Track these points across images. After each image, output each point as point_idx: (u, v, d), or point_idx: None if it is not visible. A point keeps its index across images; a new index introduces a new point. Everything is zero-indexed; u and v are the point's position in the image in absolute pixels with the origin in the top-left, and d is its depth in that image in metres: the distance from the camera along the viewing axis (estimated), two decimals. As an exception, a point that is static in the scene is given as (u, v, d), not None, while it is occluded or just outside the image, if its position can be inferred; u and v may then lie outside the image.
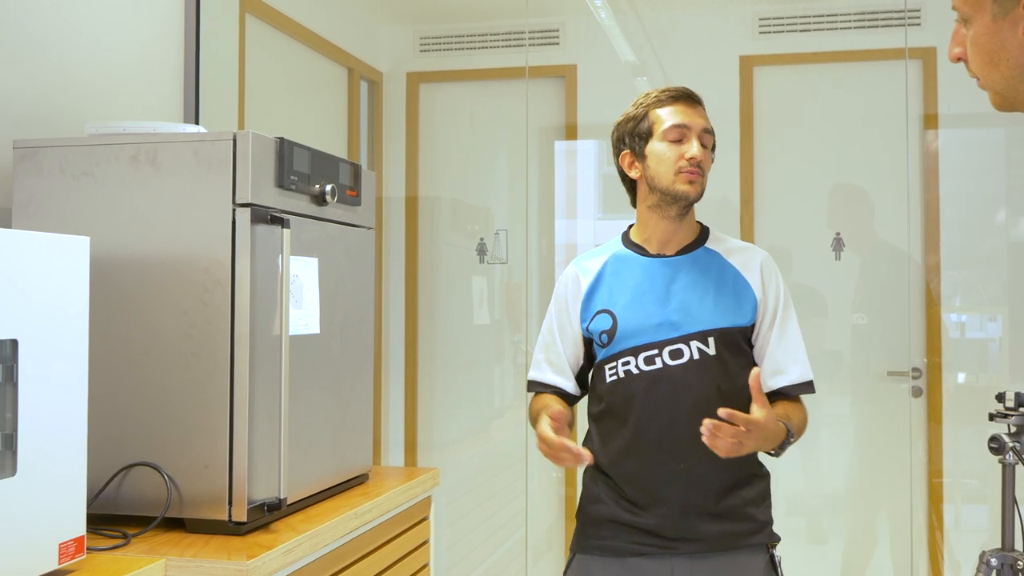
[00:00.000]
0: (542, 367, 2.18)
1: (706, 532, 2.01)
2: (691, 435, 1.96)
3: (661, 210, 2.09)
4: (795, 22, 4.00)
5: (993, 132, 3.92)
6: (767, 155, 4.00)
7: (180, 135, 1.98)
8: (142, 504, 1.91)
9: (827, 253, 3.88)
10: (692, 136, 2.05)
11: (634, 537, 2.04)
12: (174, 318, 1.92)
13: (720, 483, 2.02)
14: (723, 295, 2.07)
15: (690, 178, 2.04)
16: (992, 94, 1.29)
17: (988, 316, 3.86)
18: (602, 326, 2.07)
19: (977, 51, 1.27)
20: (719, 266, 2.10)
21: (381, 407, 4.27)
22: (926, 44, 3.83)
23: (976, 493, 3.83)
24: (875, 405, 3.89)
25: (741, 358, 2.06)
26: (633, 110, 2.12)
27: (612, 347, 2.06)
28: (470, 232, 4.30)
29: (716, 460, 1.96)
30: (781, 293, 2.10)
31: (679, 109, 2.07)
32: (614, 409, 2.07)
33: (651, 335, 2.03)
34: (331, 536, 2.01)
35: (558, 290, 2.19)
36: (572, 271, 2.18)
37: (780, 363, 2.07)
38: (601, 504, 2.08)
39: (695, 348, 2.02)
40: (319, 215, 2.19)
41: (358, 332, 2.37)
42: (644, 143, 2.09)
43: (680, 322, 2.03)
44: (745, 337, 2.07)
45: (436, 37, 4.36)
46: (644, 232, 2.14)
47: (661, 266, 2.10)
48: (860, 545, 3.94)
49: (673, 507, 2.00)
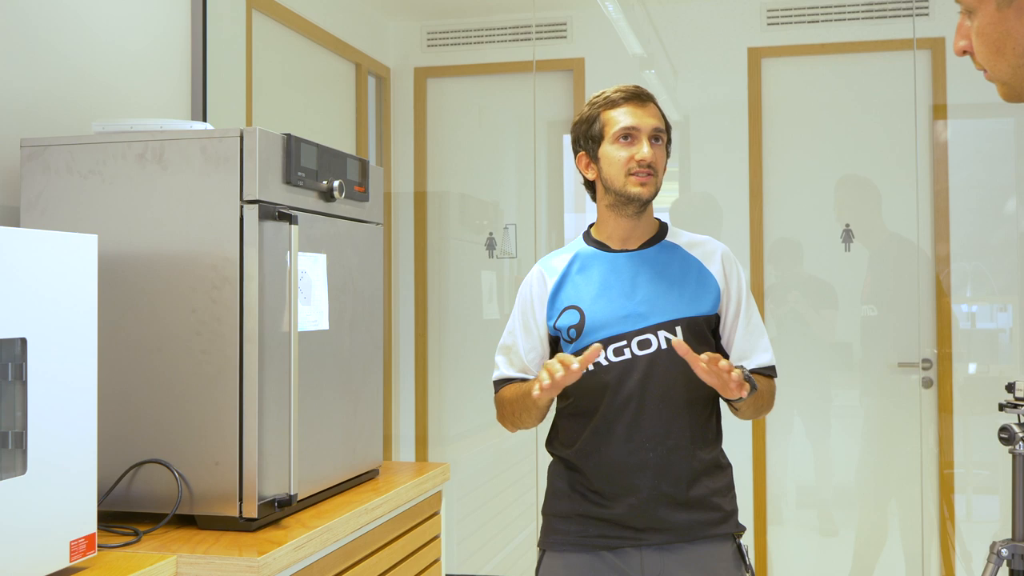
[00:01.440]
0: (503, 367, 2.19)
1: (675, 522, 2.04)
2: (660, 424, 2.03)
3: (618, 209, 2.13)
4: (803, 13, 3.98)
5: (1003, 122, 3.90)
6: (776, 147, 3.99)
7: (187, 132, 1.98)
8: (153, 501, 1.92)
9: (836, 245, 3.87)
10: (642, 137, 2.09)
11: (603, 530, 2.06)
12: (183, 315, 1.93)
13: (689, 472, 2.05)
14: (687, 286, 2.11)
15: (641, 180, 2.08)
16: (1000, 85, 1.29)
17: (998, 306, 3.84)
18: (569, 321, 2.10)
19: (983, 41, 1.27)
20: (681, 258, 2.14)
21: (392, 402, 4.27)
22: (935, 34, 3.81)
23: (987, 483, 3.81)
24: (886, 396, 3.88)
25: (707, 347, 2.09)
26: (587, 111, 2.16)
27: (580, 341, 2.08)
28: (479, 227, 4.30)
29: (684, 448, 2.03)
30: (742, 282, 2.16)
31: (629, 110, 2.10)
32: (583, 401, 2.09)
33: (619, 327, 2.06)
34: (342, 532, 2.02)
35: (523, 291, 2.20)
36: (537, 271, 2.21)
37: (745, 350, 2.13)
38: (568, 499, 2.10)
39: (663, 338, 2.05)
40: (327, 211, 2.19)
41: (367, 328, 2.38)
42: (597, 145, 2.13)
43: (647, 313, 2.07)
44: (710, 326, 2.12)
45: (443, 32, 4.36)
46: (605, 230, 2.17)
47: (625, 260, 2.13)
48: (871, 536, 3.93)
49: (642, 496, 2.03)
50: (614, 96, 2.12)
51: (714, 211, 4.06)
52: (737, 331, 2.12)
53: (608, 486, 2.05)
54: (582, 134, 2.16)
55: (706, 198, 4.11)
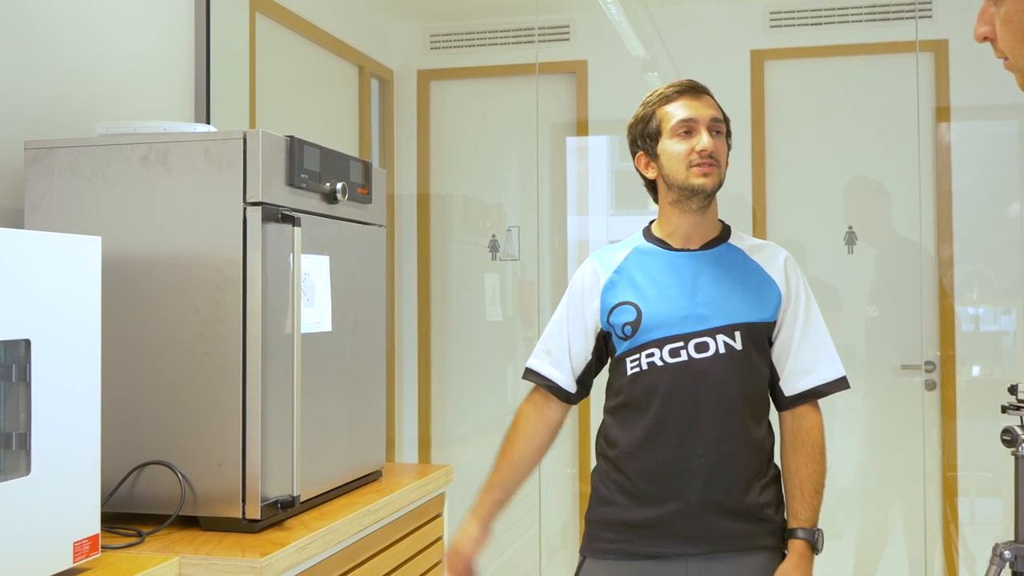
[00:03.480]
0: (540, 356, 2.16)
1: (723, 530, 1.98)
2: (713, 429, 1.97)
3: (681, 205, 2.07)
4: (806, 16, 3.98)
5: (1006, 124, 3.90)
6: (779, 149, 3.99)
7: (190, 135, 1.99)
8: (156, 502, 1.92)
9: (840, 247, 3.86)
10: (700, 128, 2.04)
11: (648, 540, 2.00)
12: (186, 317, 1.93)
13: (740, 480, 1.99)
14: (749, 290, 2.05)
15: (703, 171, 2.02)
16: (1020, 74, 1.27)
17: (1002, 309, 3.84)
18: (625, 318, 2.04)
19: (1010, 29, 1.24)
20: (743, 262, 2.09)
21: (395, 404, 4.28)
22: (938, 36, 3.81)
23: (991, 486, 3.81)
24: (889, 399, 3.88)
25: (764, 355, 2.05)
26: (641, 110, 2.11)
27: (636, 339, 2.03)
28: (482, 229, 4.30)
29: (737, 456, 1.98)
30: (803, 290, 2.09)
31: (684, 103, 2.06)
32: (635, 401, 2.03)
33: (677, 327, 2.01)
34: (344, 533, 2.02)
35: (574, 283, 2.15)
36: (591, 264, 2.16)
37: (808, 362, 2.05)
38: (613, 506, 2.05)
39: (721, 342, 2.00)
40: (330, 213, 2.19)
41: (370, 329, 2.38)
42: (655, 143, 2.07)
43: (707, 315, 2.01)
44: (768, 334, 2.06)
45: (446, 34, 4.37)
46: (667, 227, 2.12)
47: (687, 259, 2.08)
48: (874, 539, 3.93)
49: (690, 502, 1.98)
50: (668, 92, 2.08)
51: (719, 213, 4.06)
52: (794, 340, 2.05)
53: (655, 490, 1.99)
54: (639, 134, 2.11)
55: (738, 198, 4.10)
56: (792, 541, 2.01)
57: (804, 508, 2.02)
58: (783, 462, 2.08)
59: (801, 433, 2.05)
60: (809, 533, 2.00)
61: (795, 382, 2.05)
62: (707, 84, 2.15)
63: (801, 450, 2.04)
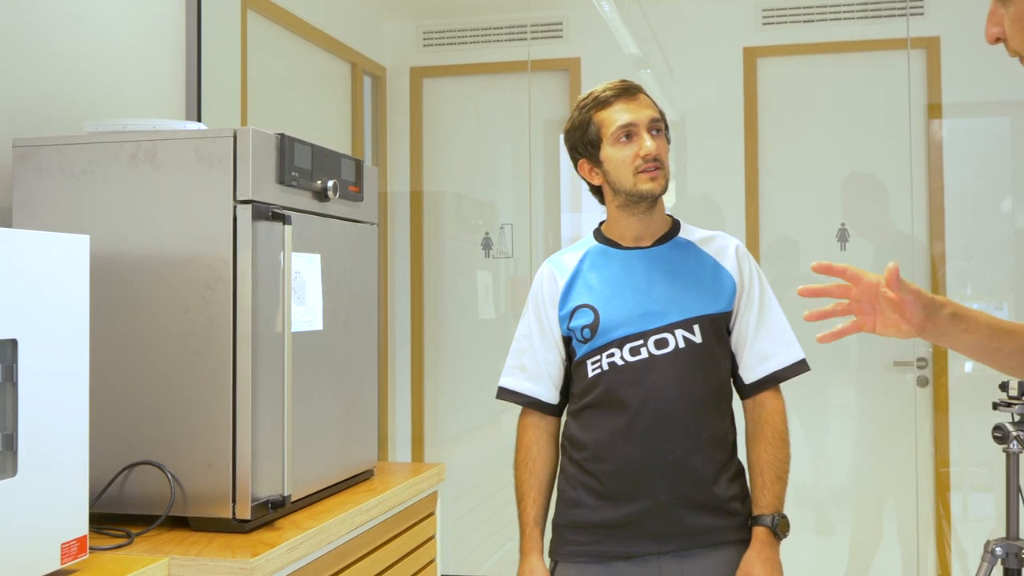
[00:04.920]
0: (514, 374, 2.15)
1: (692, 526, 1.99)
2: (679, 424, 1.98)
3: (629, 208, 2.08)
4: (798, 13, 3.98)
5: (998, 121, 3.91)
6: (771, 146, 3.98)
7: (180, 132, 1.98)
8: (145, 503, 1.91)
9: (832, 244, 3.87)
10: (641, 131, 2.03)
11: (619, 540, 2.01)
12: (176, 316, 1.92)
13: (706, 474, 2.00)
14: (703, 282, 2.06)
15: (651, 175, 2.02)
16: None
17: (994, 304, 3.85)
18: (583, 321, 2.05)
19: (1020, 27, 1.25)
20: (695, 255, 2.09)
21: (388, 402, 4.27)
22: (929, 34, 3.81)
23: (983, 482, 3.81)
24: (881, 395, 3.88)
25: (724, 346, 2.06)
26: (578, 116, 2.09)
27: (595, 341, 2.04)
28: (475, 226, 4.30)
29: (703, 450, 1.99)
30: (756, 277, 2.09)
31: (622, 106, 2.04)
32: (599, 402, 2.04)
33: (635, 325, 2.02)
34: (336, 533, 2.01)
35: (535, 292, 2.15)
36: (547, 270, 2.15)
37: (766, 348, 2.06)
38: (582, 508, 2.05)
39: (680, 336, 2.01)
40: (321, 211, 2.18)
41: (362, 328, 2.37)
42: (597, 149, 2.06)
43: (664, 311, 2.02)
44: (726, 323, 2.07)
45: (439, 31, 4.36)
46: (617, 229, 2.12)
47: (639, 257, 2.08)
48: (867, 535, 3.93)
49: (660, 499, 1.98)
50: (603, 95, 2.06)
51: (713, 210, 4.06)
52: (751, 327, 2.05)
53: (624, 489, 2.00)
54: (578, 141, 2.09)
55: (703, 199, 4.11)
56: (754, 529, 2.03)
57: (765, 495, 2.03)
58: (747, 450, 2.09)
59: (762, 420, 2.06)
60: (770, 519, 2.00)
61: (754, 368, 2.06)
62: (700, 81, 2.15)
63: (762, 437, 2.06)
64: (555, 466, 2.17)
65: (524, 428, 2.17)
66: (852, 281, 1.48)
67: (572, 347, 2.10)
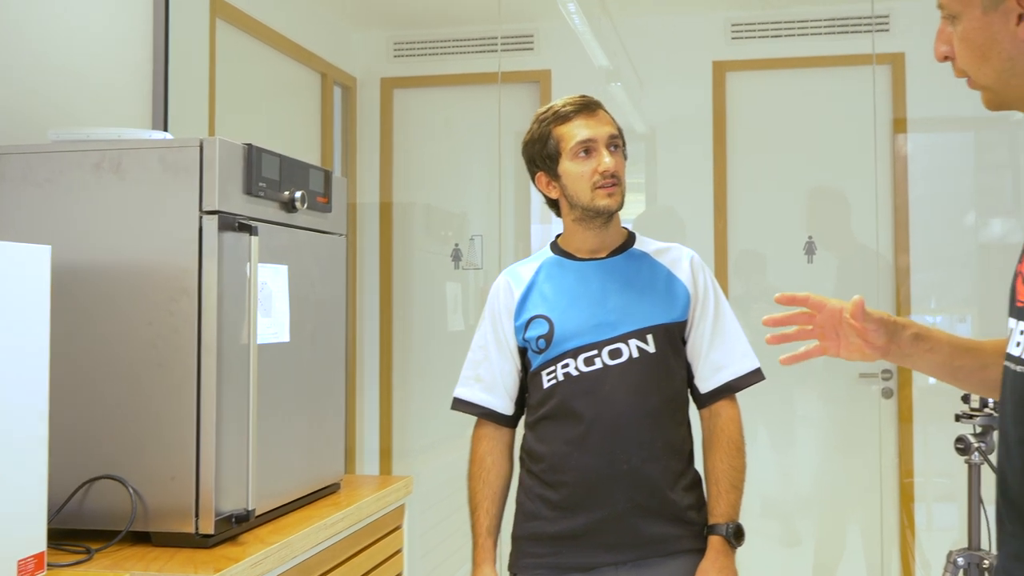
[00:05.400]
0: (469, 384, 2.15)
1: (649, 535, 2.00)
2: (634, 434, 2.00)
3: (586, 223, 2.09)
4: (767, 28, 4.01)
5: (962, 136, 3.96)
6: (740, 159, 4.01)
7: (145, 142, 1.96)
8: (106, 518, 1.88)
9: (800, 256, 3.89)
10: (600, 147, 2.05)
11: (577, 551, 2.02)
12: (139, 328, 1.90)
13: (663, 482, 2.02)
14: (657, 293, 2.07)
15: (608, 191, 2.04)
16: (984, 91, 1.28)
17: (958, 317, 3.89)
18: (538, 331, 2.06)
19: (967, 46, 1.26)
20: (650, 266, 2.11)
21: (356, 415, 4.25)
22: (894, 50, 3.86)
23: (946, 492, 3.85)
24: (847, 406, 3.91)
25: (679, 355, 2.08)
26: (537, 129, 2.11)
27: (550, 351, 2.05)
28: (444, 238, 4.29)
29: (659, 459, 2.01)
30: (711, 288, 2.11)
31: (581, 122, 2.06)
32: (554, 413, 2.05)
33: (589, 336, 2.03)
34: (301, 547, 1.99)
35: (491, 303, 2.16)
36: (503, 281, 2.17)
37: (721, 358, 2.08)
38: (540, 520, 2.06)
39: (634, 346, 2.02)
40: (289, 222, 2.17)
41: (329, 340, 2.36)
42: (555, 163, 2.08)
43: (618, 321, 2.03)
44: (681, 333, 2.08)
45: (410, 42, 4.35)
46: (573, 242, 2.14)
47: (594, 268, 2.10)
48: (832, 545, 3.96)
49: (617, 508, 1.99)
50: (564, 110, 2.07)
51: (677, 223, 4.08)
52: (706, 337, 2.07)
53: (581, 499, 2.01)
54: (537, 154, 2.11)
55: (668, 211, 4.13)
56: (710, 538, 2.04)
57: (720, 504, 2.04)
58: (703, 460, 2.10)
59: (717, 429, 2.08)
60: (725, 528, 2.02)
61: (709, 378, 2.08)
62: (670, 94, 2.17)
63: (718, 446, 2.07)
64: (509, 477, 2.18)
65: (478, 439, 2.17)
66: (815, 309, 1.51)
67: (527, 358, 2.11)
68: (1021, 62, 1.21)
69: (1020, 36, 1.20)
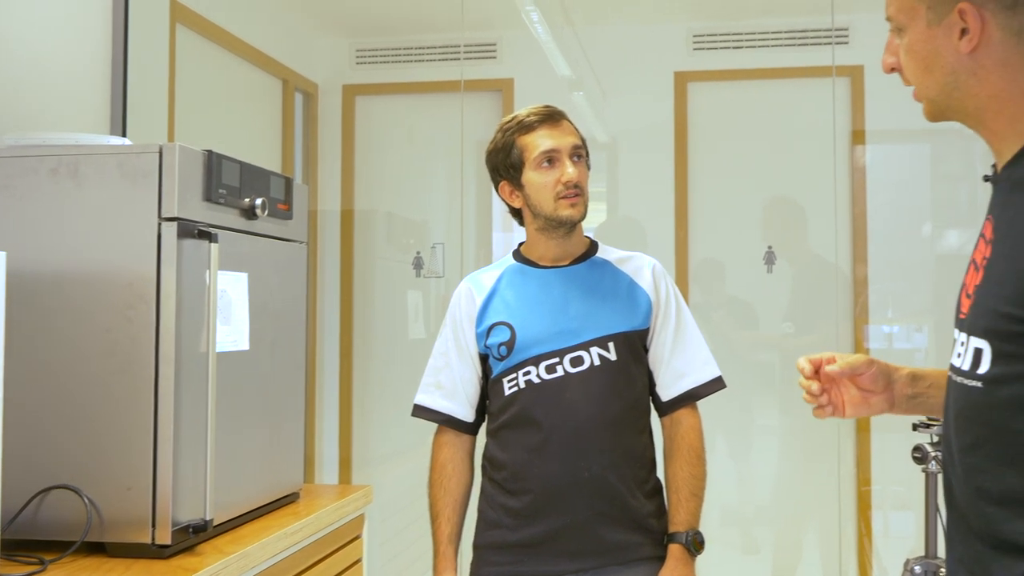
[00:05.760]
0: (430, 391, 2.15)
1: (610, 542, 2.01)
2: (595, 441, 2.00)
3: (548, 232, 2.10)
4: (728, 39, 4.05)
5: (919, 147, 4.02)
6: (701, 169, 4.04)
7: (103, 147, 1.93)
8: (61, 528, 1.85)
9: (759, 266, 3.93)
10: (563, 157, 2.05)
11: (538, 559, 2.02)
12: (96, 335, 1.88)
13: (624, 490, 2.02)
14: (619, 301, 2.09)
15: (571, 202, 2.05)
16: (926, 103, 1.30)
17: (914, 327, 3.94)
18: (500, 338, 2.06)
19: (912, 58, 1.29)
20: (612, 274, 2.12)
21: (315, 423, 4.21)
22: (854, 62, 3.91)
23: (903, 500, 3.89)
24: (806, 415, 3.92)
25: (641, 363, 2.09)
26: (501, 138, 2.11)
27: (511, 359, 2.05)
28: (406, 246, 4.28)
29: (620, 466, 2.01)
30: (672, 295, 2.13)
31: (545, 132, 2.07)
32: (516, 420, 2.05)
33: (551, 343, 2.04)
34: (259, 557, 1.97)
35: (452, 309, 2.16)
36: (465, 287, 2.17)
37: (682, 366, 2.09)
38: (501, 528, 2.06)
39: (595, 354, 2.03)
40: (249, 229, 2.15)
41: (289, 348, 2.34)
42: (519, 173, 2.08)
43: (580, 329, 2.04)
44: (642, 341, 2.09)
45: (372, 49, 4.34)
46: (536, 250, 2.15)
47: (556, 276, 2.11)
48: (790, 554, 3.98)
49: (578, 516, 2.00)
50: (528, 120, 2.08)
51: (642, 231, 4.10)
52: (667, 345, 2.08)
53: (544, 507, 2.01)
54: (500, 163, 2.11)
55: (633, 220, 4.15)
56: (669, 546, 2.05)
57: (680, 512, 2.06)
58: (664, 467, 2.11)
59: (678, 437, 2.10)
60: (684, 536, 2.03)
61: (671, 386, 2.09)
62: (632, 104, 2.18)
63: (679, 454, 2.09)
64: (469, 484, 2.17)
65: (439, 446, 2.16)
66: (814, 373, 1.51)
67: (488, 365, 2.11)
68: (963, 75, 1.24)
69: (962, 50, 1.22)
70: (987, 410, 1.18)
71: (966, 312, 1.23)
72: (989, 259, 1.20)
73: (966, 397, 1.22)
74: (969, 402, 1.21)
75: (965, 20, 1.21)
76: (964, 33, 1.22)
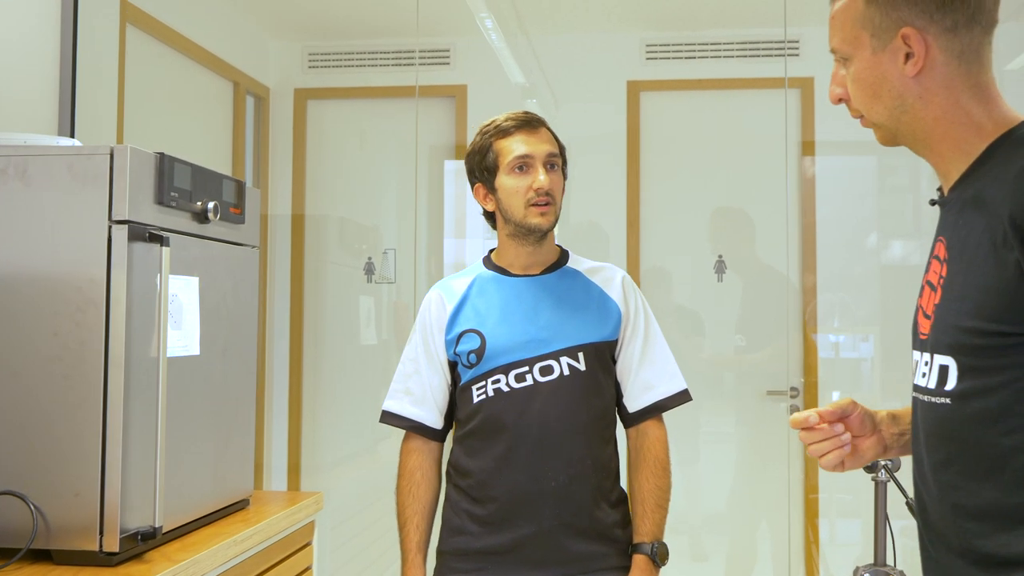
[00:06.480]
0: (399, 397, 2.14)
1: (574, 552, 2.01)
2: (562, 451, 2.00)
3: (519, 239, 2.10)
4: (680, 49, 4.09)
5: (866, 160, 4.09)
6: (652, 177, 4.07)
7: (53, 148, 1.90)
8: (6, 535, 1.81)
9: (710, 275, 3.97)
10: (537, 164, 2.06)
11: (502, 567, 2.02)
12: (44, 339, 1.84)
13: (589, 500, 2.03)
14: (589, 311, 2.09)
15: (541, 210, 2.05)
16: (877, 129, 1.33)
17: (861, 336, 4.00)
18: (470, 346, 2.06)
19: (859, 86, 1.31)
20: (583, 284, 2.13)
21: (264, 429, 4.17)
22: (805, 74, 3.97)
23: (850, 508, 3.95)
24: (755, 424, 3.99)
25: (609, 374, 2.10)
26: (479, 141, 2.12)
27: (481, 366, 2.05)
28: (358, 251, 4.25)
29: (586, 476, 2.02)
30: (642, 308, 2.14)
31: (521, 138, 2.07)
32: (483, 428, 2.05)
33: (521, 352, 2.04)
34: (209, 565, 1.95)
35: (422, 316, 2.15)
36: (436, 294, 2.16)
37: (649, 378, 2.10)
38: (465, 535, 2.06)
39: (565, 364, 2.03)
40: (201, 233, 2.13)
41: (240, 353, 2.31)
42: (493, 176, 2.09)
43: (549, 338, 2.04)
44: (611, 352, 2.10)
45: (325, 53, 4.32)
46: (507, 257, 2.15)
47: (528, 285, 2.11)
48: (742, 561, 4.02)
49: (543, 525, 2.00)
50: (505, 124, 2.08)
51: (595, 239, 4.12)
52: (636, 357, 2.09)
53: (508, 514, 2.01)
54: (476, 165, 2.11)
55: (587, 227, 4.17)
56: (634, 556, 2.06)
57: (645, 522, 2.07)
58: (629, 478, 2.13)
59: (644, 448, 2.11)
60: (649, 547, 2.04)
61: (638, 397, 2.10)
62: (585, 112, 2.19)
63: (644, 465, 2.10)
64: (438, 491, 2.16)
65: (408, 453, 2.15)
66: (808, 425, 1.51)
67: (457, 372, 2.10)
68: (910, 99, 1.26)
69: (908, 74, 1.25)
70: (957, 425, 1.19)
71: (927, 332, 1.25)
72: (946, 278, 1.22)
73: (935, 415, 1.23)
74: (938, 419, 1.23)
75: (909, 44, 1.24)
76: (909, 57, 1.24)
